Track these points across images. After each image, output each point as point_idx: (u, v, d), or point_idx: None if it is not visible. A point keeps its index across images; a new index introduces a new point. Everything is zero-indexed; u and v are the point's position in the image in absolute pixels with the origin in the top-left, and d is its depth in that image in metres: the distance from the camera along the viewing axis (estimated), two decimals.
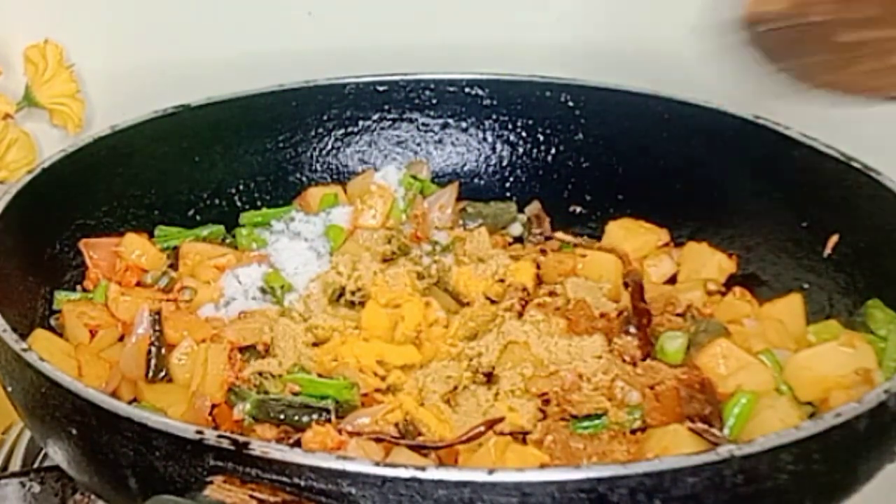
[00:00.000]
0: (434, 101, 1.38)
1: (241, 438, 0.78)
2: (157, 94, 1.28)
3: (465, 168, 1.39)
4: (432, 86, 1.38)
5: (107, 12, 1.46)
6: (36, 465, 1.13)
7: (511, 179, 1.38)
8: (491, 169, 1.39)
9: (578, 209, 1.36)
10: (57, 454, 0.91)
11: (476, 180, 1.39)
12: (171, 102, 1.28)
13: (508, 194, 1.38)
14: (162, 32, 1.46)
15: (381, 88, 1.37)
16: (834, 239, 1.17)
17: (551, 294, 1.17)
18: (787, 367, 1.02)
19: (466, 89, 1.38)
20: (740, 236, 1.26)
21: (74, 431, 0.86)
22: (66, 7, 1.45)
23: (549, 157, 1.38)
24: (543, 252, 1.27)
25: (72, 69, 1.43)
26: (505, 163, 1.39)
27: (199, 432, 0.79)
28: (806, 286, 1.19)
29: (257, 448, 0.77)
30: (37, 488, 1.01)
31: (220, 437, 0.78)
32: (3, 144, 1.37)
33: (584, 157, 1.37)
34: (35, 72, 1.42)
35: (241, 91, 1.31)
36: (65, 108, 1.42)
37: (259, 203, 1.33)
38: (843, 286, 1.15)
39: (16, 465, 1.17)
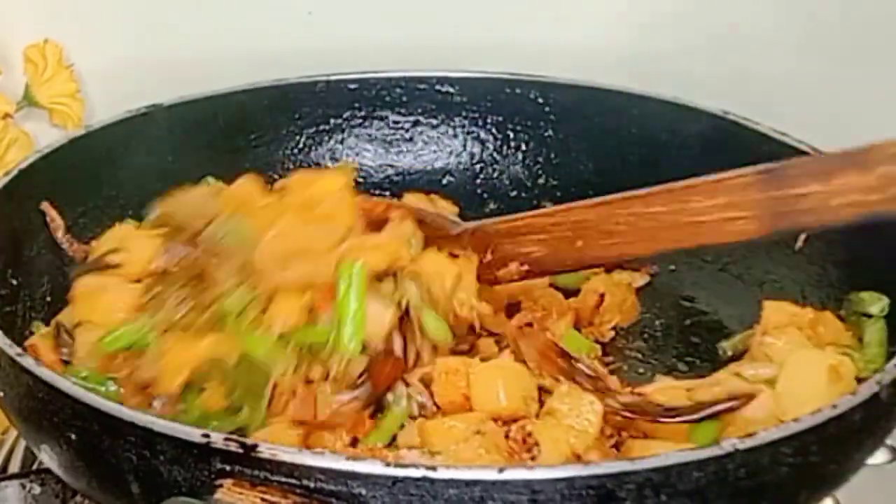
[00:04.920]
0: (404, 99, 1.39)
1: (249, 441, 0.78)
2: (157, 94, 1.27)
3: (436, 165, 1.40)
4: (402, 83, 1.38)
5: (106, 12, 1.45)
6: (36, 467, 1.11)
7: (482, 176, 1.39)
8: (461, 166, 1.40)
9: (548, 206, 1.36)
10: (52, 460, 0.90)
11: (447, 177, 1.39)
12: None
13: (479, 191, 1.39)
14: (162, 32, 1.46)
15: (351, 86, 1.38)
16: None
17: None
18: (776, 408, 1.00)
19: (436, 87, 1.38)
20: None
21: (74, 437, 0.85)
22: (65, 7, 1.44)
23: (520, 154, 1.39)
24: None
25: (71, 69, 1.43)
26: (475, 160, 1.40)
27: (206, 436, 0.78)
28: (778, 279, 1.21)
29: (265, 451, 0.77)
30: (37, 490, 1.00)
31: (227, 440, 0.78)
32: (2, 144, 1.36)
33: (553, 153, 1.38)
34: (35, 71, 1.41)
35: (212, 90, 1.31)
36: (64, 107, 1.41)
37: None
38: (816, 279, 1.17)
39: (15, 466, 1.16)
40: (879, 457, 0.98)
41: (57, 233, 1.18)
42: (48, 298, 1.14)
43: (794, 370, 1.00)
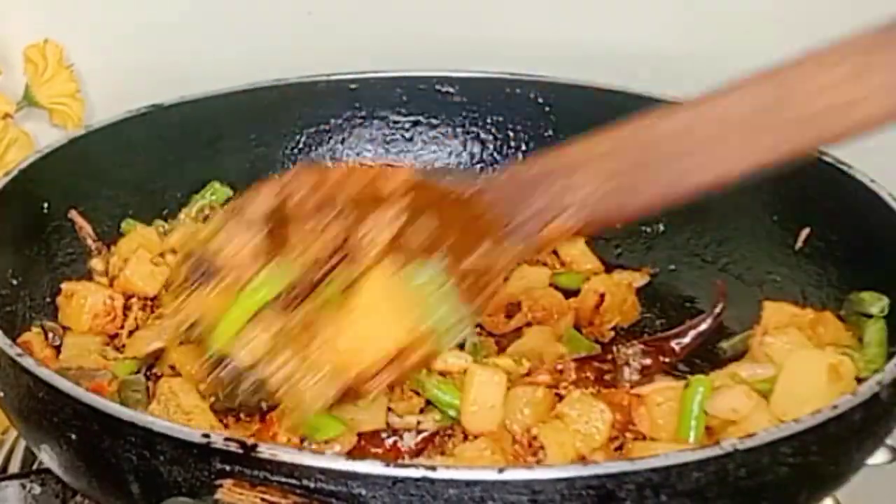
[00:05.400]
0: (404, 99, 1.39)
1: (249, 441, 0.78)
2: (157, 94, 1.28)
3: (436, 165, 1.39)
4: (403, 83, 1.38)
5: (106, 12, 1.45)
6: (36, 467, 1.12)
7: (482, 176, 1.39)
8: (461, 166, 1.39)
9: None
10: (53, 460, 0.90)
11: (447, 178, 1.39)
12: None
13: None
14: (162, 32, 1.46)
15: (352, 86, 1.37)
16: (805, 232, 1.19)
17: None
18: (775, 408, 0.99)
19: (436, 87, 1.38)
20: (711, 230, 1.27)
21: (74, 437, 0.85)
22: (65, 7, 1.44)
23: (520, 154, 1.39)
24: None
25: (71, 69, 1.43)
26: (475, 160, 1.39)
27: (206, 436, 0.78)
28: (778, 279, 1.21)
29: (265, 451, 0.77)
30: (37, 490, 1.00)
31: (227, 440, 0.78)
32: (2, 144, 1.37)
33: None
34: (35, 71, 1.41)
35: (212, 90, 1.31)
36: (64, 107, 1.41)
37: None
38: (816, 279, 1.17)
39: (15, 466, 1.16)
40: (879, 457, 0.97)
41: (87, 240, 1.19)
42: (48, 298, 1.14)
43: (794, 370, 0.99)
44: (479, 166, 1.39)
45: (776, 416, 0.96)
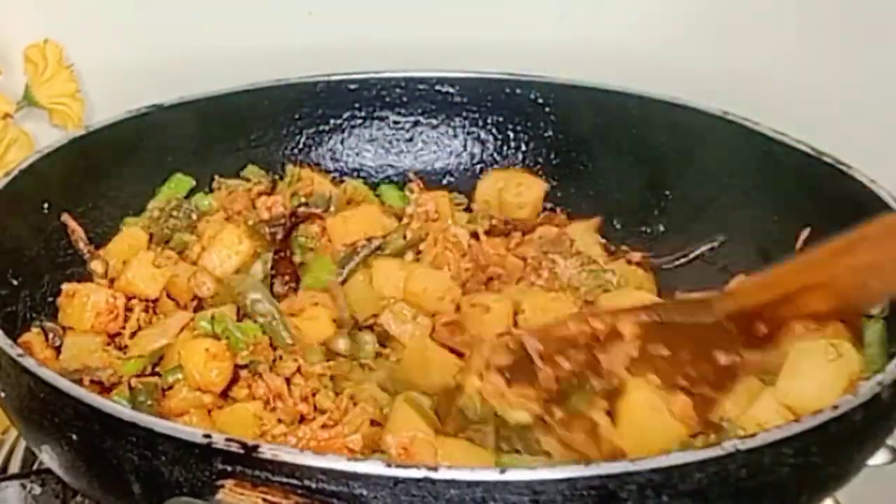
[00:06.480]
0: (404, 99, 1.39)
1: (251, 442, 0.78)
2: (157, 94, 1.28)
3: (436, 166, 1.40)
4: (403, 84, 1.38)
5: (106, 12, 1.45)
6: (36, 467, 1.12)
7: (482, 177, 1.39)
8: (461, 166, 1.40)
9: (549, 205, 1.36)
10: (53, 460, 0.90)
11: (447, 178, 1.39)
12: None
13: None
14: (162, 31, 1.46)
15: (351, 87, 1.37)
16: (805, 232, 1.19)
17: None
18: (778, 391, 0.99)
19: (436, 87, 1.38)
20: (712, 230, 1.27)
21: (75, 437, 0.85)
22: (65, 7, 1.44)
23: (520, 155, 1.39)
24: None
25: (71, 69, 1.43)
26: (475, 160, 1.40)
27: (207, 436, 0.78)
28: None
29: (267, 451, 0.77)
30: (37, 490, 1.00)
31: (228, 440, 0.78)
32: (2, 144, 1.36)
33: (554, 153, 1.38)
34: (35, 71, 1.41)
35: (213, 90, 1.31)
36: (64, 107, 1.41)
37: None
38: None
39: (15, 466, 1.16)
40: (880, 457, 0.97)
41: (78, 244, 1.19)
42: (48, 298, 1.14)
43: (797, 354, 0.99)
44: (479, 167, 1.39)
45: (779, 399, 0.96)
